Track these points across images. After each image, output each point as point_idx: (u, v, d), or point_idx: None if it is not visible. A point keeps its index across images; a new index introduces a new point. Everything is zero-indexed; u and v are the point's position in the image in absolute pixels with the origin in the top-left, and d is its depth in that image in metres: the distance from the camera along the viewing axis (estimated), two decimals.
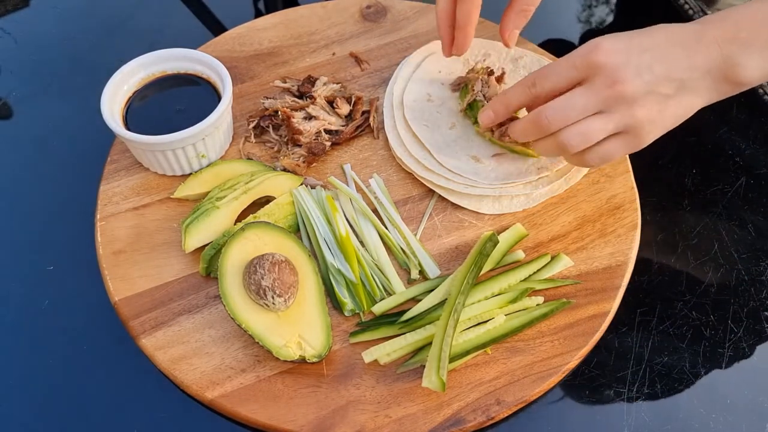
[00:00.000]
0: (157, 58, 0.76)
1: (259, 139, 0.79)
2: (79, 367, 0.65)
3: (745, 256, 0.72)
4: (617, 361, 0.65)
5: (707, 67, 0.60)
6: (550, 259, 0.68)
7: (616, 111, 0.61)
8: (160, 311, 0.65)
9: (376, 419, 0.59)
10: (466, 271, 0.64)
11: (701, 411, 0.63)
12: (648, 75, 0.60)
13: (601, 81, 0.60)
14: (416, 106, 0.78)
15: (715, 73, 0.60)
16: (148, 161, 0.74)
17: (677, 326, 0.67)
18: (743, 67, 0.60)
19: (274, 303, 0.60)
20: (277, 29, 0.89)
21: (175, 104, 0.75)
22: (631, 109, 0.60)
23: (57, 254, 0.72)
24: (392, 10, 0.91)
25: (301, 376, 0.62)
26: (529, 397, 0.61)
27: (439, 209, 0.73)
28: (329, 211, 0.70)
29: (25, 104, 0.86)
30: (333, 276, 0.67)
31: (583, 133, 0.62)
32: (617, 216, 0.72)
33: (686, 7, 0.93)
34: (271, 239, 0.65)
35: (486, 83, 0.76)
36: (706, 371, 0.65)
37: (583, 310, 0.65)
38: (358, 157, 0.77)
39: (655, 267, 0.71)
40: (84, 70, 0.89)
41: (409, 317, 0.64)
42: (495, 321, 0.63)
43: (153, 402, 0.63)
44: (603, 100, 0.60)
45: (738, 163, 0.80)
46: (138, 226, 0.71)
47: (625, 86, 0.59)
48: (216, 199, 0.69)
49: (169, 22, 0.95)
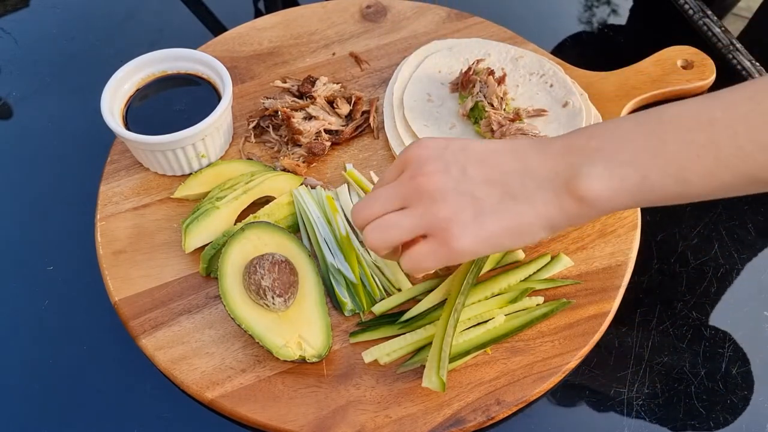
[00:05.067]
0: (157, 58, 0.76)
1: (259, 139, 0.79)
2: (79, 367, 0.65)
3: (745, 256, 0.72)
4: (617, 361, 0.65)
5: (545, 176, 0.52)
6: (550, 259, 0.68)
7: (417, 206, 0.54)
8: (160, 311, 0.65)
9: (376, 419, 0.59)
10: (466, 271, 0.64)
11: (701, 411, 0.63)
12: (457, 172, 0.53)
13: (406, 174, 0.55)
14: (416, 106, 0.78)
15: (556, 183, 0.51)
16: (148, 161, 0.74)
17: (677, 326, 0.67)
18: (585, 176, 0.50)
19: (274, 303, 0.60)
20: (277, 29, 0.89)
21: (175, 104, 0.75)
22: (432, 207, 0.53)
23: (57, 254, 0.72)
24: (392, 10, 0.91)
25: (301, 376, 0.62)
26: (529, 397, 0.61)
27: None
28: (329, 211, 0.70)
29: (25, 104, 0.86)
30: (333, 276, 0.67)
31: (381, 227, 0.55)
32: (617, 216, 0.72)
33: (686, 7, 0.93)
34: (271, 239, 0.65)
35: (485, 83, 0.76)
36: (706, 371, 0.65)
37: (583, 310, 0.65)
38: (358, 157, 0.77)
39: (655, 267, 0.71)
40: (84, 70, 0.89)
41: (409, 317, 0.64)
42: (495, 321, 0.63)
43: (153, 402, 0.63)
44: (404, 193, 0.54)
45: None
46: (138, 226, 0.71)
47: (428, 179, 0.53)
48: (216, 199, 0.69)
49: (169, 22, 0.95)
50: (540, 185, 0.52)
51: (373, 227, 0.55)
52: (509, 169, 0.53)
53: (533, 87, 0.80)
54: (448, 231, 0.52)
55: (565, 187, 0.51)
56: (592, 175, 0.50)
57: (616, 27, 0.97)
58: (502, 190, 0.52)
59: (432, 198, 0.53)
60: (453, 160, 0.54)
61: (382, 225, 0.55)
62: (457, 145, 0.55)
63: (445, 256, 0.53)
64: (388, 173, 0.59)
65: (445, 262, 0.54)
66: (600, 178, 0.49)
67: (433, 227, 0.53)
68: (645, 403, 0.63)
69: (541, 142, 0.54)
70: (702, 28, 0.91)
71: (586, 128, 0.53)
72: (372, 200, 0.56)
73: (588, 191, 0.50)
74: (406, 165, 0.56)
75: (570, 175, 0.51)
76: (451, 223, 0.52)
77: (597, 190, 0.50)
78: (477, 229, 0.52)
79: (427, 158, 0.54)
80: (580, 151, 0.51)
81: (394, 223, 0.54)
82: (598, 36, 0.95)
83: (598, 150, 0.50)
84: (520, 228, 0.52)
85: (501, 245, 0.53)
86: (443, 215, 0.52)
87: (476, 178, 0.53)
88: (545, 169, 0.52)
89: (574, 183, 0.50)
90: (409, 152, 0.56)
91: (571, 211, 0.51)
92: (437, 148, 0.55)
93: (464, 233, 0.52)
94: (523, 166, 0.52)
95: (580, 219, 0.52)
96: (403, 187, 0.55)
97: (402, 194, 0.55)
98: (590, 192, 0.50)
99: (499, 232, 0.52)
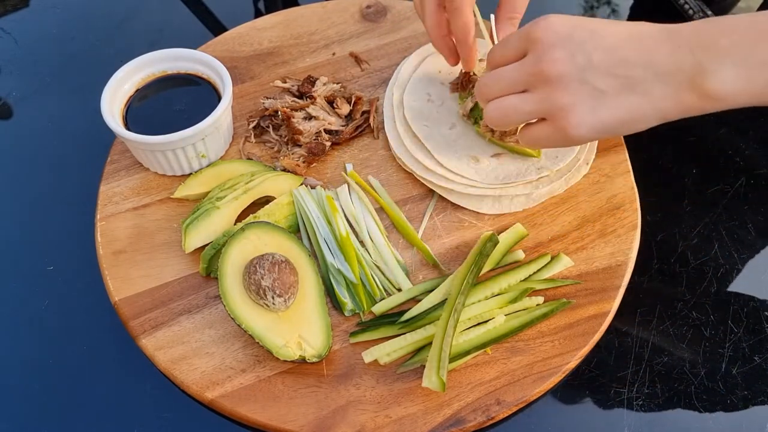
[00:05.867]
0: (157, 58, 0.76)
1: (259, 139, 0.79)
2: (79, 367, 0.65)
3: (745, 256, 0.72)
4: (617, 361, 0.65)
5: (669, 69, 0.52)
6: (550, 259, 0.68)
7: (539, 92, 0.55)
8: (160, 311, 0.65)
9: (376, 419, 0.59)
10: (466, 271, 0.64)
11: (701, 411, 0.63)
12: (583, 60, 0.53)
13: (531, 57, 0.56)
14: (416, 106, 0.78)
15: (679, 78, 0.52)
16: (148, 161, 0.74)
17: (677, 326, 0.67)
18: (715, 76, 0.50)
19: (274, 303, 0.60)
20: (277, 29, 0.89)
21: (175, 104, 0.75)
22: (554, 93, 0.54)
23: (57, 254, 0.72)
24: (392, 10, 0.91)
25: (301, 376, 0.62)
26: (529, 397, 0.61)
27: (439, 209, 0.73)
28: (329, 211, 0.70)
29: (25, 104, 0.86)
30: (333, 276, 0.67)
31: (503, 108, 0.57)
32: (617, 216, 0.72)
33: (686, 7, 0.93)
34: (271, 239, 0.65)
35: None
36: (706, 371, 0.65)
37: (583, 310, 0.65)
38: (358, 157, 0.77)
39: (655, 267, 0.71)
40: (84, 70, 0.89)
41: (409, 317, 0.64)
42: (495, 321, 0.63)
43: (153, 402, 0.63)
44: (526, 77, 0.56)
45: (738, 163, 0.80)
46: (138, 226, 0.71)
47: (550, 66, 0.54)
48: (216, 199, 0.69)
49: (169, 22, 0.95)
50: (661, 79, 0.52)
51: (495, 107, 0.58)
52: (633, 60, 0.53)
53: None
54: (566, 119, 0.54)
55: (689, 83, 0.51)
56: (721, 75, 0.50)
57: None
58: (622, 82, 0.53)
59: (554, 85, 0.54)
60: (579, 47, 0.54)
61: (504, 106, 0.57)
62: (586, 29, 0.54)
63: (560, 141, 0.57)
64: (509, 44, 0.58)
65: (560, 145, 0.58)
66: (729, 78, 0.50)
67: (552, 113, 0.55)
68: (645, 403, 0.63)
69: (669, 31, 0.53)
70: None
71: (716, 21, 0.52)
72: (496, 79, 0.58)
73: (715, 91, 0.51)
74: (530, 44, 0.56)
75: (696, 72, 0.51)
76: (570, 112, 0.54)
77: (724, 90, 0.51)
78: (593, 118, 0.54)
79: (554, 43, 0.54)
80: (709, 49, 0.51)
81: (515, 106, 0.57)
82: None
83: (729, 50, 0.50)
84: (633, 119, 0.54)
85: (613, 133, 0.56)
86: (563, 103, 0.54)
87: (600, 67, 0.53)
88: (670, 63, 0.52)
89: (701, 80, 0.51)
90: (536, 31, 0.55)
91: (690, 105, 0.52)
92: (565, 31, 0.54)
93: (581, 122, 0.54)
94: (647, 59, 0.52)
95: (695, 112, 0.53)
96: (527, 70, 0.56)
97: (526, 78, 0.56)
98: (717, 92, 0.51)
99: (614, 122, 0.54)
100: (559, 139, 0.57)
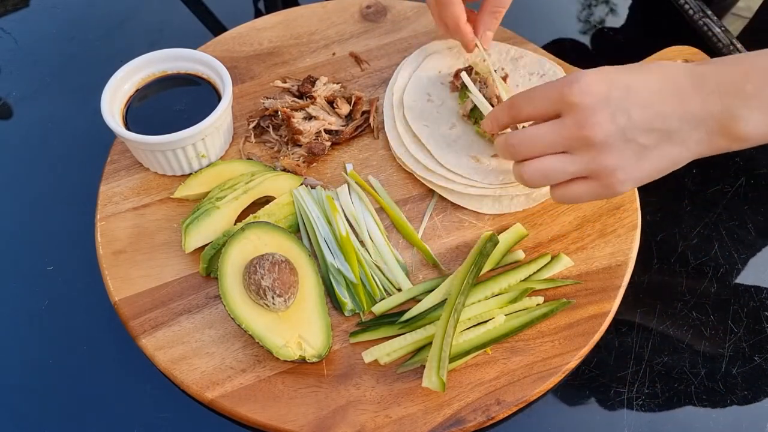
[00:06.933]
0: (157, 58, 0.76)
1: (259, 139, 0.79)
2: (79, 367, 0.65)
3: (744, 256, 0.72)
4: (617, 361, 0.65)
5: (702, 117, 0.55)
6: (550, 259, 0.68)
7: (583, 155, 0.57)
8: (160, 311, 0.65)
9: (376, 419, 0.59)
10: (466, 271, 0.64)
11: (701, 411, 0.63)
12: (624, 121, 0.55)
13: (571, 120, 0.56)
14: (416, 106, 0.78)
15: (711, 125, 0.55)
16: (148, 161, 0.74)
17: (677, 326, 0.67)
18: (744, 121, 0.54)
19: (274, 303, 0.60)
20: (277, 29, 0.89)
21: (175, 104, 0.75)
22: (599, 156, 0.56)
23: (57, 254, 0.72)
24: (392, 10, 0.91)
25: (301, 376, 0.62)
26: (529, 397, 0.61)
27: (440, 209, 0.73)
28: (329, 211, 0.70)
29: (25, 104, 0.86)
30: (333, 276, 0.67)
31: (543, 170, 0.58)
32: (617, 216, 0.72)
33: (686, 7, 0.93)
34: (271, 239, 0.65)
35: (484, 84, 0.76)
36: (706, 371, 0.65)
37: (583, 310, 0.65)
38: (358, 157, 0.77)
39: (655, 267, 0.71)
40: (84, 70, 0.89)
41: (409, 317, 0.64)
42: (495, 321, 0.63)
43: (153, 402, 0.63)
44: (568, 141, 0.57)
45: (738, 163, 0.80)
46: (138, 226, 0.71)
47: (595, 131, 0.55)
48: (216, 199, 0.69)
49: (169, 22, 0.95)
50: (695, 126, 0.55)
51: (535, 168, 0.59)
52: (669, 113, 0.55)
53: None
54: (613, 177, 0.57)
55: (720, 129, 0.55)
56: (750, 120, 0.54)
57: (616, 27, 0.97)
58: (661, 134, 0.55)
59: (599, 148, 0.56)
60: (619, 107, 0.55)
61: (544, 168, 0.58)
62: (621, 86, 0.56)
63: (602, 196, 0.59)
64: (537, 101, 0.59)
65: (601, 198, 0.60)
66: (757, 122, 0.54)
67: (597, 173, 0.57)
68: (645, 403, 0.63)
69: (696, 77, 0.56)
70: (702, 28, 0.91)
71: (738, 63, 0.55)
72: (530, 140, 0.58)
73: (745, 134, 0.54)
74: (565, 107, 0.57)
75: (726, 118, 0.54)
76: (616, 171, 0.56)
77: (753, 133, 0.54)
78: (639, 173, 0.57)
79: (594, 107, 0.55)
80: (737, 95, 0.54)
81: (556, 169, 0.58)
82: (598, 36, 0.95)
83: (755, 95, 0.53)
84: (673, 166, 0.58)
85: (653, 179, 0.59)
86: (610, 164, 0.56)
87: (640, 124, 0.55)
88: (702, 111, 0.55)
89: (731, 125, 0.54)
90: (573, 95, 0.56)
91: (721, 147, 0.56)
92: (602, 92, 0.56)
93: (628, 178, 0.57)
94: (681, 110, 0.55)
95: (724, 151, 0.57)
96: (568, 134, 0.56)
97: (567, 142, 0.57)
98: (747, 134, 0.54)
99: (656, 173, 0.58)
100: (603, 195, 0.59)
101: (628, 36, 0.95)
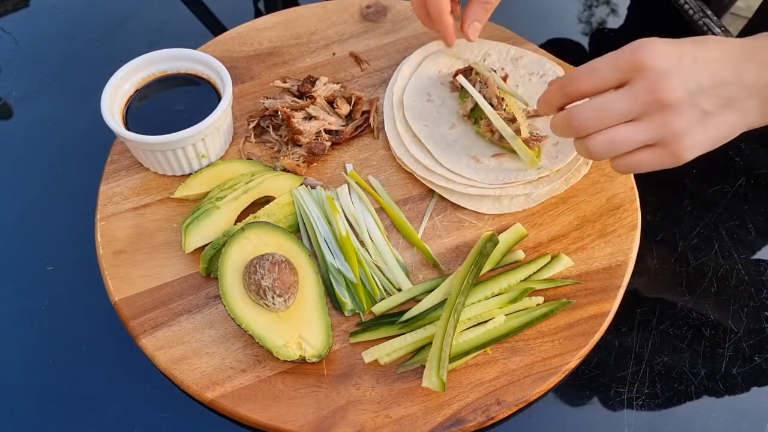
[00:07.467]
0: (157, 58, 0.76)
1: (259, 139, 0.79)
2: (79, 367, 0.65)
3: (744, 256, 0.72)
4: (617, 361, 0.65)
5: (757, 87, 0.56)
6: (550, 259, 0.68)
7: (653, 120, 0.56)
8: (160, 311, 0.65)
9: (376, 419, 0.59)
10: (466, 271, 0.64)
11: (701, 411, 0.63)
12: (695, 86, 0.55)
13: (643, 85, 0.56)
14: (416, 106, 0.78)
15: (763, 93, 0.56)
16: (148, 161, 0.74)
17: (677, 326, 0.67)
18: None
19: (274, 303, 0.60)
20: (277, 29, 0.89)
21: (175, 104, 0.75)
22: (669, 121, 0.56)
23: (57, 254, 0.72)
24: (392, 10, 0.91)
25: (301, 376, 0.62)
26: (529, 397, 0.61)
27: (440, 209, 0.73)
28: (329, 211, 0.70)
29: (25, 104, 0.86)
30: (333, 276, 0.67)
31: (612, 140, 0.57)
32: (617, 216, 0.72)
33: (686, 7, 0.93)
34: (271, 239, 0.65)
35: (484, 84, 0.76)
36: (706, 371, 0.65)
37: (583, 310, 0.65)
38: (358, 157, 0.77)
39: (655, 267, 0.71)
40: (84, 70, 0.89)
41: (409, 317, 0.64)
42: (495, 321, 0.63)
43: (153, 402, 0.63)
44: (640, 107, 0.56)
45: (738, 163, 0.80)
46: (138, 226, 0.71)
47: (670, 95, 0.55)
48: (216, 199, 0.69)
49: (169, 22, 0.95)
50: (751, 95, 0.57)
51: (604, 139, 0.58)
52: (729, 80, 0.56)
53: (533, 87, 0.80)
54: (680, 143, 0.56)
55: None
56: None
57: (615, 27, 0.97)
58: (723, 101, 0.56)
59: (669, 112, 0.55)
60: (690, 74, 0.56)
61: (614, 138, 0.57)
62: (689, 56, 0.56)
63: (668, 164, 0.58)
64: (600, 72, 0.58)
65: (665, 167, 0.59)
66: None
67: (665, 139, 0.57)
68: (645, 403, 0.63)
69: (749, 50, 0.57)
70: (702, 27, 0.91)
71: None
72: (599, 111, 0.57)
73: None
74: (635, 72, 0.56)
75: None
76: (684, 136, 0.56)
77: None
78: (704, 138, 0.57)
79: (667, 72, 0.55)
80: None
81: (626, 138, 0.57)
82: (598, 36, 0.95)
83: None
84: (731, 133, 0.58)
85: (714, 148, 0.59)
86: (678, 128, 0.56)
87: (707, 91, 0.56)
88: (757, 80, 0.56)
89: None
90: (643, 59, 0.56)
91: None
92: (675, 57, 0.56)
93: (695, 144, 0.57)
94: (739, 78, 0.56)
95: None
96: (641, 100, 0.56)
97: (639, 108, 0.56)
98: None
99: (718, 139, 0.58)
100: (669, 162, 0.58)
101: (629, 36, 0.95)
